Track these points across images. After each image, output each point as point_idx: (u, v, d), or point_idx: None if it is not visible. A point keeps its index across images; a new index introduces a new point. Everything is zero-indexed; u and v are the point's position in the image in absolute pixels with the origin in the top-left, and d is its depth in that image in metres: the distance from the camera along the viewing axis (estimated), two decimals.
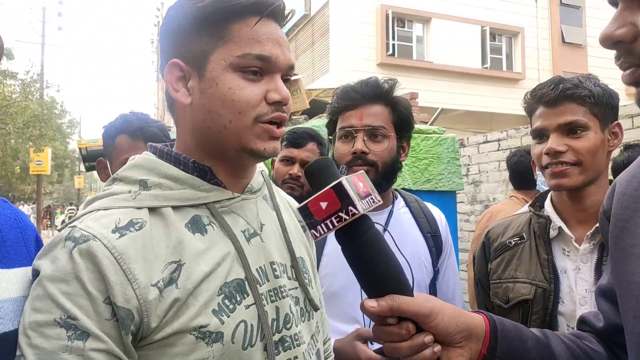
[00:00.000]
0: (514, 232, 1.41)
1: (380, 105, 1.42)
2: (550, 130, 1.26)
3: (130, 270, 0.72)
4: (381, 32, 14.03)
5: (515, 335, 0.79)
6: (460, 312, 0.76)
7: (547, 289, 1.28)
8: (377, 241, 0.73)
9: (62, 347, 0.68)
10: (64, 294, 0.69)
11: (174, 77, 0.83)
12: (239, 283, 0.80)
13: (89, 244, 0.71)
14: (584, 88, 1.25)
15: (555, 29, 16.04)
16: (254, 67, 0.80)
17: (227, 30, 0.79)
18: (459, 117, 13.77)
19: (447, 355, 0.74)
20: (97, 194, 0.83)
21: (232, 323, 0.77)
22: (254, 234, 0.87)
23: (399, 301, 0.71)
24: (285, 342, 0.84)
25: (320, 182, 0.73)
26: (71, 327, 0.69)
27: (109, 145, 1.67)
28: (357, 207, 0.70)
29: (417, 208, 1.56)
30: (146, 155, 0.86)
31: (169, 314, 0.73)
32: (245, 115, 0.79)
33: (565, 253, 1.30)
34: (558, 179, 1.25)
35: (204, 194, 0.82)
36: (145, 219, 0.77)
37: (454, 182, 3.43)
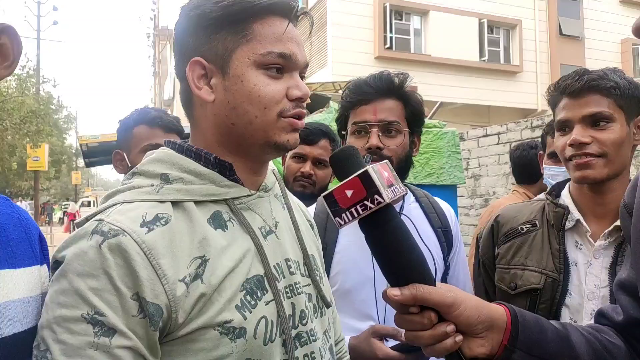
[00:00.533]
0: (526, 219, 1.40)
1: (394, 100, 1.41)
2: (574, 122, 1.25)
3: (159, 265, 0.72)
4: (379, 25, 13.99)
5: (536, 327, 0.80)
6: (482, 303, 0.77)
7: (557, 280, 1.27)
8: (401, 230, 0.73)
9: (88, 343, 0.68)
10: (91, 290, 0.69)
11: (196, 75, 0.84)
12: (259, 279, 0.81)
13: (119, 238, 0.71)
14: (609, 80, 1.24)
15: (553, 22, 16.02)
16: (276, 65, 0.83)
17: (250, 29, 0.82)
18: (456, 110, 13.77)
19: (468, 345, 0.75)
20: (118, 187, 0.83)
21: (254, 319, 0.78)
22: (270, 231, 0.88)
23: (422, 290, 0.71)
24: (302, 338, 0.85)
25: (345, 171, 0.73)
26: (98, 323, 0.69)
27: (126, 136, 1.70)
28: (383, 196, 0.70)
29: (427, 203, 1.55)
30: (165, 150, 0.87)
31: (194, 309, 0.74)
32: (270, 110, 0.82)
33: (577, 246, 1.29)
34: (582, 171, 1.23)
35: (224, 189, 0.84)
36: (170, 213, 0.77)
37: (455, 176, 3.44)
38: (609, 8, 16.53)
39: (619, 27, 16.28)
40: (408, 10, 14.58)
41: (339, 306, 1.36)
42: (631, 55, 16.66)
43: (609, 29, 16.27)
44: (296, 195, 2.04)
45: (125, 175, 0.86)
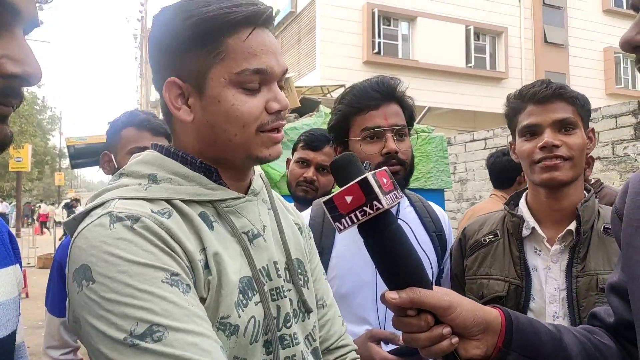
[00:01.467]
0: (488, 230, 1.44)
1: (396, 105, 1.42)
2: (544, 126, 1.29)
3: (180, 241, 0.74)
4: (367, 30, 14.07)
5: (530, 329, 0.82)
6: (477, 307, 0.79)
7: (520, 286, 1.31)
8: (400, 235, 0.75)
9: (185, 301, 0.69)
10: (154, 260, 0.70)
11: (173, 95, 0.83)
12: (248, 280, 0.82)
13: (142, 220, 0.72)
14: (571, 90, 1.31)
15: (538, 29, 16.25)
16: (252, 82, 0.81)
17: (222, 46, 0.79)
18: (442, 115, 13.88)
19: (464, 347, 0.77)
20: (105, 187, 0.83)
21: (246, 318, 0.79)
22: (257, 235, 0.88)
23: (419, 294, 0.73)
24: (284, 340, 0.86)
25: (345, 177, 0.75)
26: (179, 282, 0.71)
27: (114, 138, 1.70)
28: (382, 202, 0.71)
29: (422, 207, 1.56)
30: (152, 152, 0.86)
31: (207, 297, 0.76)
32: (248, 127, 0.82)
33: (536, 252, 1.34)
34: (551, 172, 1.27)
35: (211, 191, 0.84)
36: (170, 208, 0.78)
37: (443, 180, 3.47)
38: (592, 17, 16.84)
39: (602, 35, 16.59)
40: (396, 16, 14.68)
41: None
42: (613, 63, 16.98)
43: (592, 37, 16.57)
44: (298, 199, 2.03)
45: (112, 176, 0.86)
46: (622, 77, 17.32)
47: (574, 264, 1.26)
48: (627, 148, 4.28)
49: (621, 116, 4.31)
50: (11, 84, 0.59)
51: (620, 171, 4.35)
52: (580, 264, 1.26)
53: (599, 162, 4.33)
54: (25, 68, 0.59)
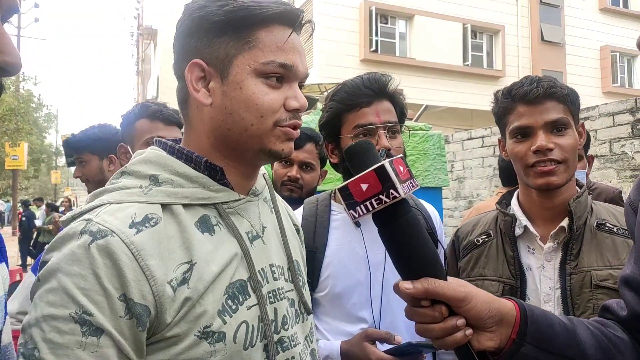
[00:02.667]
0: (481, 230, 1.42)
1: (388, 101, 1.42)
2: (536, 128, 1.25)
3: (147, 266, 0.72)
4: (364, 29, 14.06)
5: (544, 322, 0.81)
6: (492, 298, 0.78)
7: (515, 286, 1.29)
8: (415, 224, 0.74)
9: (76, 343, 0.68)
10: (80, 289, 0.69)
11: (194, 77, 0.83)
12: (241, 284, 0.81)
13: (107, 239, 0.71)
14: (561, 87, 1.27)
15: (535, 28, 16.27)
16: (276, 74, 0.82)
17: (253, 37, 0.81)
18: (440, 114, 13.89)
19: (478, 339, 0.76)
20: (106, 187, 0.82)
21: (235, 323, 0.78)
22: (257, 236, 0.88)
23: (434, 284, 0.72)
24: (283, 343, 0.85)
25: (360, 164, 0.74)
26: (86, 322, 0.69)
27: (128, 130, 1.74)
28: (399, 191, 0.70)
29: (413, 205, 1.56)
30: (156, 151, 0.86)
31: (180, 312, 0.74)
32: (266, 120, 0.82)
33: (530, 251, 1.32)
34: (547, 178, 1.24)
35: (213, 194, 0.83)
36: (159, 215, 0.77)
37: (440, 178, 3.47)
38: (589, 15, 16.87)
39: (598, 34, 16.63)
40: (393, 14, 14.67)
41: (329, 310, 1.38)
42: (610, 61, 17.03)
43: (589, 36, 16.60)
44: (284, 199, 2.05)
45: (114, 175, 0.85)
46: (619, 76, 17.37)
47: (568, 261, 1.24)
48: (625, 146, 4.29)
49: (618, 114, 4.32)
50: None
51: (618, 169, 4.36)
52: (574, 261, 1.24)
53: (596, 160, 4.34)
54: (4, 57, 0.57)
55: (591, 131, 4.45)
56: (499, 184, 5.32)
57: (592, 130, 4.45)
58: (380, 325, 1.34)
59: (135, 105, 1.81)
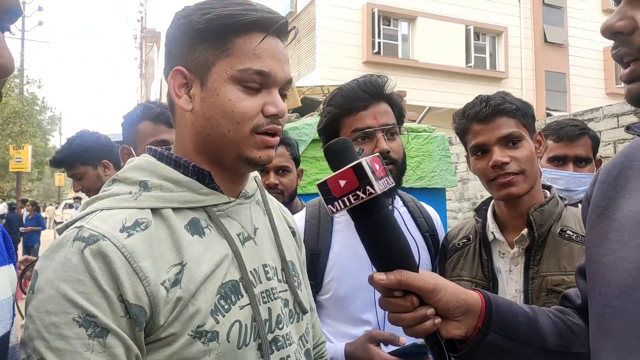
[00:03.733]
0: (463, 235, 1.49)
1: (385, 103, 1.42)
2: (491, 144, 1.32)
3: (140, 268, 0.73)
4: (367, 30, 14.06)
5: (508, 311, 0.87)
6: (460, 290, 0.84)
7: (487, 287, 1.35)
8: (390, 220, 0.78)
9: (83, 346, 0.69)
10: (79, 293, 0.70)
11: (177, 83, 0.86)
12: (233, 284, 0.83)
13: (99, 244, 0.72)
14: (510, 102, 1.33)
15: (538, 29, 16.25)
16: (253, 82, 0.83)
17: (231, 44, 0.82)
18: (442, 115, 13.86)
19: (446, 328, 0.82)
20: (97, 194, 0.84)
21: (227, 323, 0.80)
22: (248, 238, 0.90)
23: (406, 276, 0.77)
24: (278, 342, 0.87)
25: (339, 161, 0.77)
26: (91, 324, 0.69)
27: (131, 132, 1.73)
28: (375, 187, 0.74)
29: (415, 207, 1.56)
30: (146, 158, 0.88)
31: (173, 313, 0.75)
32: (243, 126, 0.83)
33: (500, 255, 1.39)
34: (507, 189, 1.31)
35: (202, 197, 0.85)
36: (149, 219, 0.79)
37: (446, 179, 3.46)
38: (592, 17, 16.84)
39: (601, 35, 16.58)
40: (396, 16, 14.67)
41: (332, 313, 1.38)
42: (613, 62, 16.84)
43: (591, 37, 16.56)
44: None
45: (106, 183, 0.87)
46: None
47: (531, 266, 1.31)
48: None
49: (622, 115, 4.31)
50: None
51: None
52: (536, 266, 1.30)
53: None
54: None
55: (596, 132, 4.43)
56: None
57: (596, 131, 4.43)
58: (384, 327, 1.34)
59: (138, 106, 1.79)
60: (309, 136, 2.83)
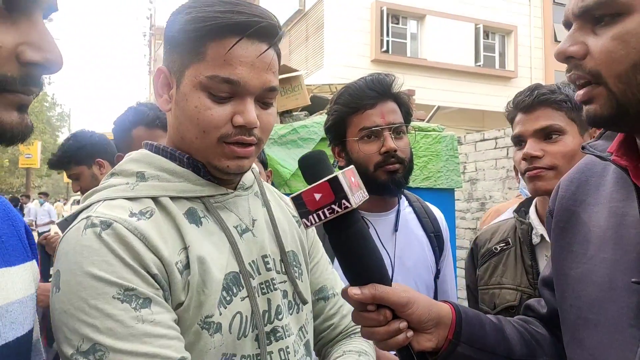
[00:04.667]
0: (500, 238, 1.42)
1: (392, 102, 1.41)
2: (526, 136, 1.28)
3: (155, 248, 0.74)
4: (375, 29, 14.02)
5: (477, 322, 0.89)
6: (432, 302, 0.85)
7: (532, 295, 1.28)
8: (364, 233, 0.77)
9: (134, 319, 0.69)
10: (111, 273, 0.70)
11: (160, 82, 0.86)
12: (234, 276, 0.83)
13: (113, 226, 0.73)
14: (560, 93, 1.27)
15: (548, 28, 16.12)
16: (220, 90, 0.79)
17: (204, 48, 0.79)
18: (451, 115, 13.81)
19: (417, 340, 0.82)
20: (95, 187, 0.85)
21: (229, 314, 0.80)
22: (246, 230, 0.89)
23: (380, 290, 0.77)
24: (277, 333, 0.87)
25: (314, 174, 0.76)
26: (132, 298, 0.70)
27: (124, 138, 1.68)
28: (351, 201, 0.73)
29: (420, 208, 1.56)
30: (142, 151, 0.89)
31: (186, 299, 0.76)
32: (208, 135, 0.81)
33: (547, 259, 1.30)
34: (534, 182, 1.26)
35: (199, 187, 0.85)
36: (153, 207, 0.79)
37: (453, 179, 3.44)
38: None
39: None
40: (405, 14, 14.61)
41: None
42: None
43: None
44: None
45: (105, 176, 0.88)
46: None
47: None
48: None
49: None
50: (31, 72, 0.57)
51: None
52: None
53: None
54: (46, 55, 0.57)
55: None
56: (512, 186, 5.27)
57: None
58: None
59: (129, 110, 1.71)
60: (317, 134, 2.82)
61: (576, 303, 0.77)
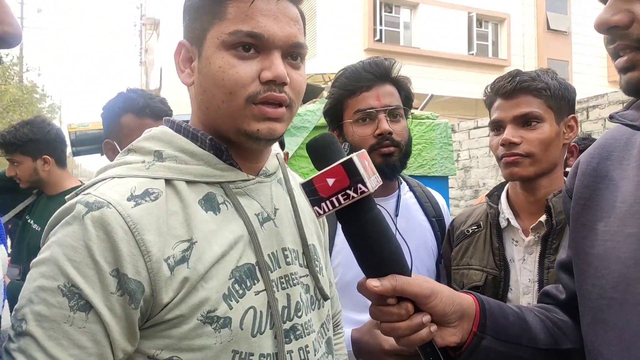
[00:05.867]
0: (472, 221, 1.44)
1: (390, 85, 1.39)
2: (506, 122, 1.29)
3: (143, 241, 0.69)
4: (368, 17, 13.95)
5: (500, 313, 0.83)
6: (454, 293, 0.79)
7: (498, 276, 1.31)
8: (381, 221, 0.72)
9: (63, 317, 0.66)
10: (70, 261, 0.66)
11: (181, 57, 0.83)
12: (249, 268, 0.78)
13: (102, 210, 0.68)
14: (540, 81, 1.27)
15: (541, 16, 16.12)
16: (245, 44, 0.76)
17: (224, 7, 0.76)
18: (444, 103, 13.82)
19: (441, 335, 0.76)
20: (110, 162, 0.81)
21: (241, 309, 0.75)
22: (268, 218, 0.84)
23: (401, 281, 0.71)
24: (296, 331, 0.81)
25: (325, 158, 0.71)
26: (74, 296, 0.66)
27: (113, 125, 1.63)
28: (367, 185, 0.68)
29: (421, 192, 1.55)
30: (163, 128, 0.84)
31: (179, 294, 0.71)
32: (235, 95, 0.76)
33: (513, 243, 1.33)
34: (510, 168, 1.28)
35: (219, 172, 0.80)
36: (161, 190, 0.74)
37: (447, 167, 3.44)
38: (595, 4, 16.21)
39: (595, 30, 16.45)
40: (398, 3, 14.56)
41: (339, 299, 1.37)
42: None
43: None
44: None
45: (121, 152, 0.83)
46: None
47: (547, 255, 1.25)
48: None
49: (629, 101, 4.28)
50: None
51: None
52: (553, 255, 1.24)
53: None
54: (4, 28, 0.54)
55: (600, 119, 4.40)
56: None
57: (601, 118, 4.41)
58: None
59: (118, 96, 1.66)
60: (311, 123, 2.81)
61: (599, 282, 0.72)
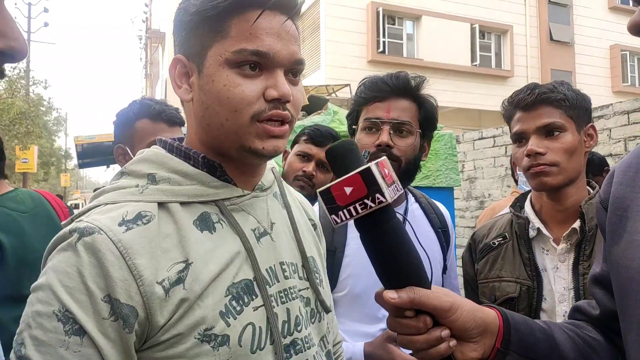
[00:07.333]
0: (497, 233, 1.46)
1: (408, 101, 1.40)
2: (529, 133, 1.31)
3: (135, 266, 0.69)
4: (372, 29, 14.03)
5: (525, 329, 0.80)
6: (476, 307, 0.76)
7: (531, 287, 1.32)
8: (400, 231, 0.71)
9: (59, 342, 0.67)
10: (64, 287, 0.68)
11: (177, 72, 0.82)
12: (247, 284, 0.77)
13: (93, 237, 0.69)
14: (558, 92, 1.31)
15: (544, 27, 16.16)
16: (250, 63, 0.76)
17: (226, 25, 0.76)
18: (448, 114, 13.83)
19: (461, 350, 0.74)
20: (104, 187, 0.81)
21: (239, 325, 0.74)
22: (264, 233, 0.84)
23: (420, 294, 0.70)
24: (297, 345, 0.81)
25: (343, 166, 0.70)
26: (69, 321, 0.67)
27: (127, 130, 1.64)
28: (385, 195, 0.67)
29: (427, 204, 1.56)
30: (156, 149, 0.84)
31: (175, 314, 0.71)
32: (240, 114, 0.76)
33: (544, 252, 1.35)
34: (540, 178, 1.29)
35: (213, 190, 0.80)
36: (154, 213, 0.74)
37: (452, 178, 3.43)
38: (598, 14, 16.73)
39: (608, 33, 16.48)
40: (401, 15, 14.63)
41: (348, 311, 1.36)
42: (619, 60, 16.87)
43: (598, 35, 16.46)
44: None
45: (114, 175, 0.84)
46: (629, 75, 17.20)
47: (580, 261, 1.27)
48: None
49: (634, 112, 4.26)
50: None
51: None
52: (587, 262, 1.26)
53: (610, 159, 4.29)
54: (10, 42, 0.52)
55: (605, 129, 4.39)
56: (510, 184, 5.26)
57: (606, 128, 4.40)
58: None
59: (133, 103, 1.69)
60: None
61: None
